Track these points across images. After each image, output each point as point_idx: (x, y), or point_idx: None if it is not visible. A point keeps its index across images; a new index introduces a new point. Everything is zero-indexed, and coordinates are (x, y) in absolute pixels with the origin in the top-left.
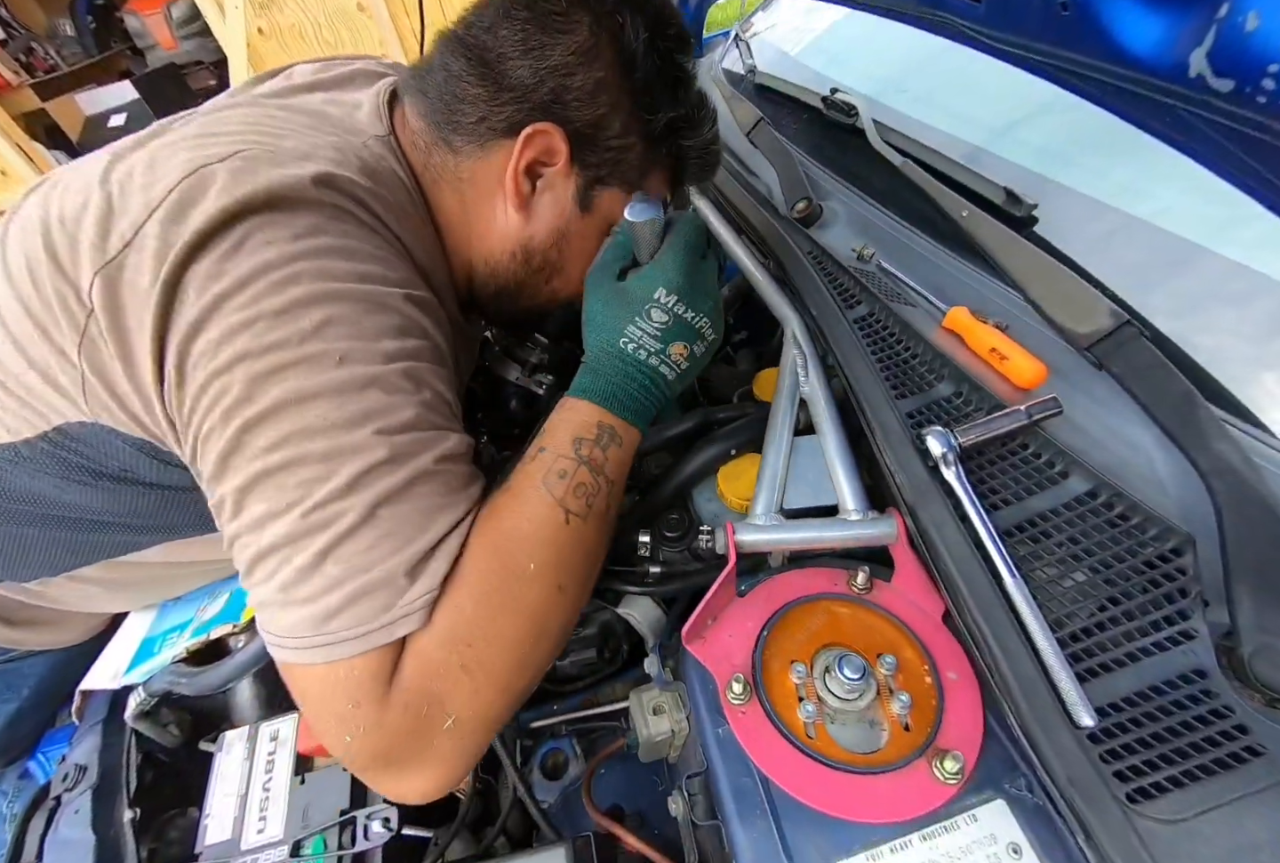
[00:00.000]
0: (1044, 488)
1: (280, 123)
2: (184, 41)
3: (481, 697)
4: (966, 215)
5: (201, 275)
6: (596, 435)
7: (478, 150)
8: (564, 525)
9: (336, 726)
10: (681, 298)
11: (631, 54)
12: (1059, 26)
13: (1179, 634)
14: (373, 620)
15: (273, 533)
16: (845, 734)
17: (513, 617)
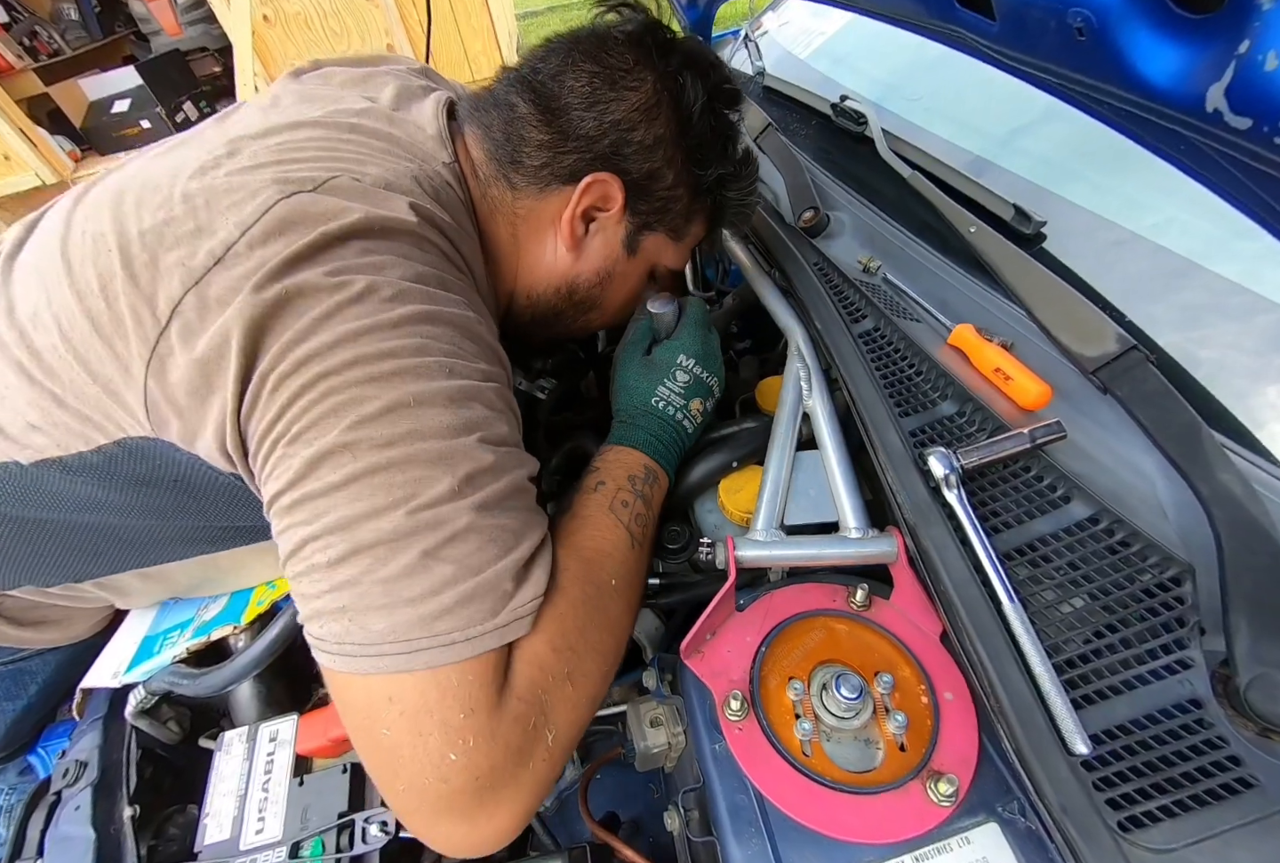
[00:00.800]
0: (1045, 512)
1: (356, 148)
2: (188, 27)
3: (578, 710)
4: (974, 231)
5: (309, 288)
6: (645, 475)
7: (536, 191)
8: (631, 548)
9: (441, 740)
10: (699, 362)
11: (689, 113)
12: (1074, 51)
13: (1176, 663)
14: (485, 622)
15: (374, 529)
16: (841, 753)
17: (603, 628)
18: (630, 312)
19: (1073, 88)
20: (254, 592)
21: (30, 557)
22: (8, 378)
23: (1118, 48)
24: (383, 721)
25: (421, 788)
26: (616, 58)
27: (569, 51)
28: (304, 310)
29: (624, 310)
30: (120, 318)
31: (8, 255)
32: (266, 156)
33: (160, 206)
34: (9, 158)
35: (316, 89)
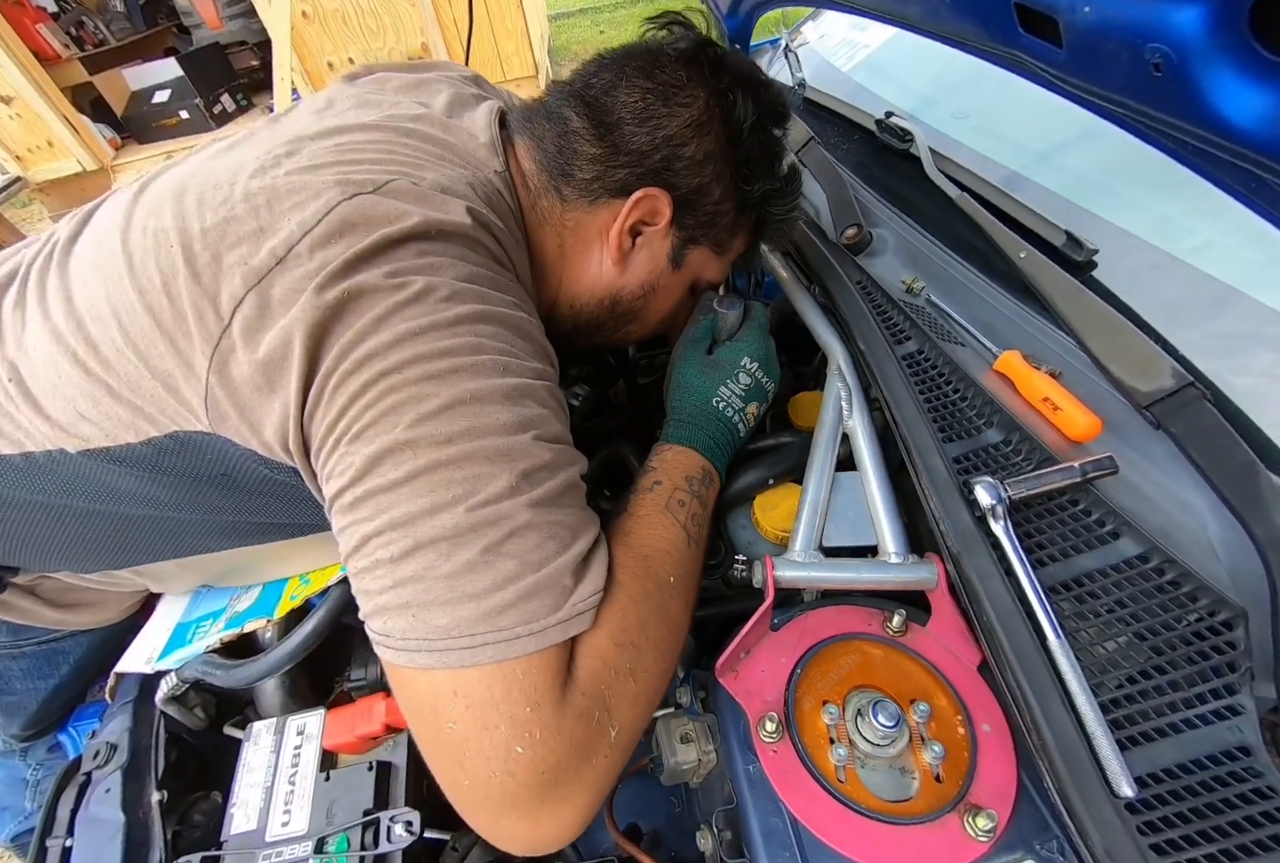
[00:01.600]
0: (1093, 547)
1: (413, 152)
2: (229, 21)
3: (639, 706)
4: (1024, 256)
5: (369, 288)
6: (702, 476)
7: (586, 204)
8: (688, 546)
9: (508, 732)
10: (762, 365)
11: (739, 130)
12: (1148, 86)
13: (1225, 709)
14: (547, 617)
15: (435, 525)
16: (876, 780)
17: (663, 625)
18: (669, 323)
19: (1139, 120)
20: (287, 585)
21: (71, 544)
22: (62, 367)
23: (1197, 86)
24: (448, 714)
25: (486, 781)
26: (669, 74)
27: (622, 67)
28: (364, 311)
29: (664, 322)
30: (183, 314)
31: (63, 248)
32: (326, 157)
33: (222, 204)
34: (52, 144)
35: (372, 94)
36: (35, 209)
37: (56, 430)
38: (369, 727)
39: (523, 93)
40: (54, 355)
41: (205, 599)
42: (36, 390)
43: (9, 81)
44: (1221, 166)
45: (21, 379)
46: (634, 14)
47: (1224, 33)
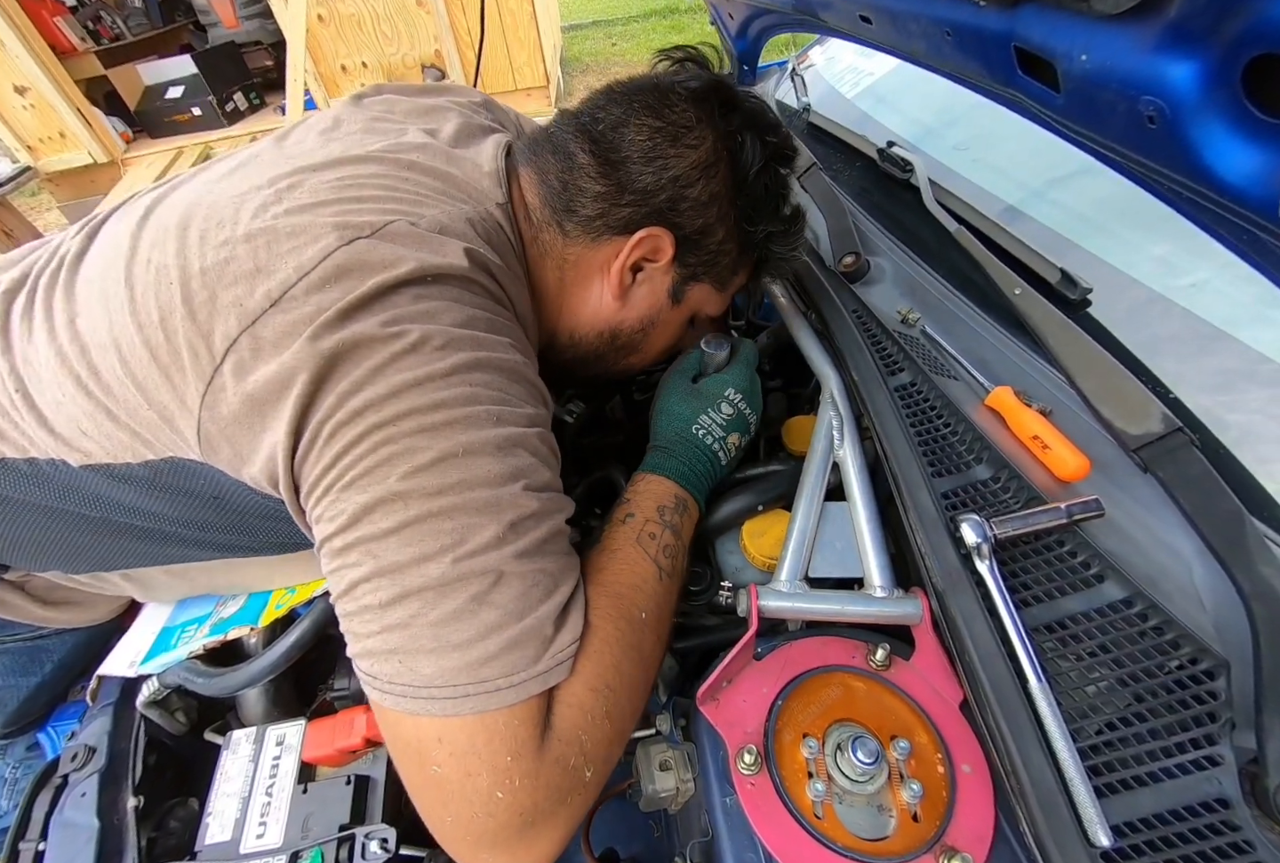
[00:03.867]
0: (1077, 589)
1: (414, 188)
2: (245, 21)
3: (612, 746)
4: (1019, 293)
5: (366, 338)
6: (675, 504)
7: (589, 241)
8: (659, 580)
9: (489, 780)
10: (745, 397)
11: (746, 173)
12: (1142, 136)
13: (1204, 759)
14: (528, 669)
15: (423, 574)
16: (853, 818)
17: (637, 664)
18: (669, 355)
19: (1134, 167)
20: (273, 593)
21: (63, 546)
22: (66, 387)
23: (1189, 141)
24: (433, 758)
25: (468, 821)
26: (679, 114)
27: (630, 103)
28: (361, 361)
29: (663, 354)
30: (178, 351)
31: (70, 265)
32: (327, 193)
33: (224, 244)
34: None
35: (379, 119)
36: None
37: (59, 443)
38: (349, 740)
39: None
40: (59, 375)
41: (191, 604)
42: (41, 404)
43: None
44: (1214, 217)
45: (27, 392)
46: (646, 27)
47: (1217, 90)
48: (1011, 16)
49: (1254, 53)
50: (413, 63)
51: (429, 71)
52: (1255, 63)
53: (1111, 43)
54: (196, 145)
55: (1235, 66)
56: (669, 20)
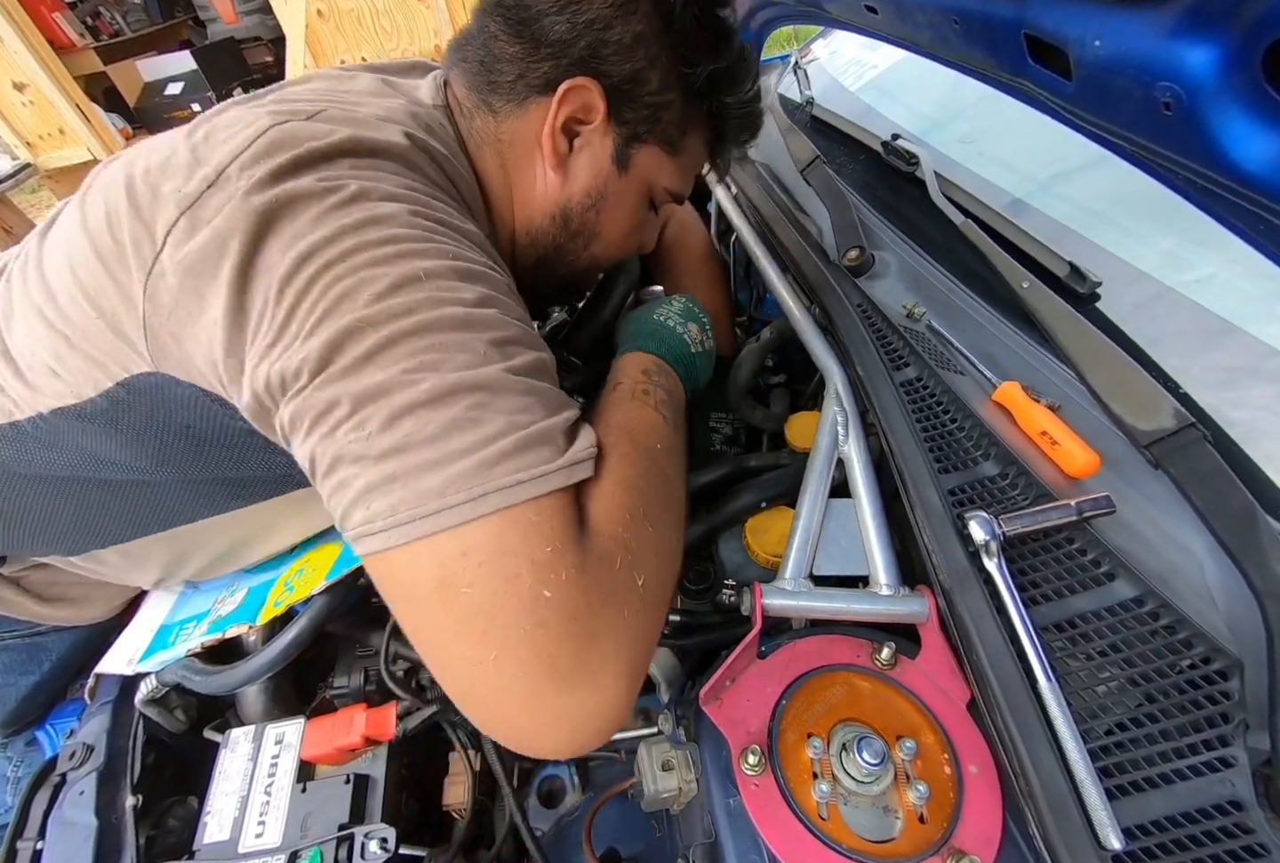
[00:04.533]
0: (1087, 588)
1: (354, 96)
2: (245, 17)
3: (660, 558)
4: (1027, 287)
5: (302, 195)
6: (657, 368)
7: (516, 109)
8: (665, 425)
9: (531, 577)
10: (688, 300)
11: (670, 6)
12: (1157, 124)
13: (1217, 761)
14: (548, 464)
15: (412, 392)
16: (858, 819)
17: (664, 482)
18: (635, 242)
19: (1147, 156)
20: (271, 591)
21: (57, 519)
22: (33, 325)
23: (1207, 127)
24: (460, 581)
25: (517, 645)
26: None
27: None
28: (299, 213)
29: (628, 240)
30: (122, 247)
31: (44, 228)
32: (267, 100)
33: (164, 147)
34: (64, 132)
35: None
36: (44, 195)
37: (34, 393)
38: (348, 739)
39: None
40: (27, 316)
41: (189, 601)
42: (15, 354)
43: (23, 68)
44: (1229, 207)
45: (6, 348)
46: None
47: (1237, 75)
48: (1022, 3)
49: (1275, 35)
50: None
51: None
52: (1276, 46)
53: (1126, 28)
54: None
55: (1255, 50)
56: None
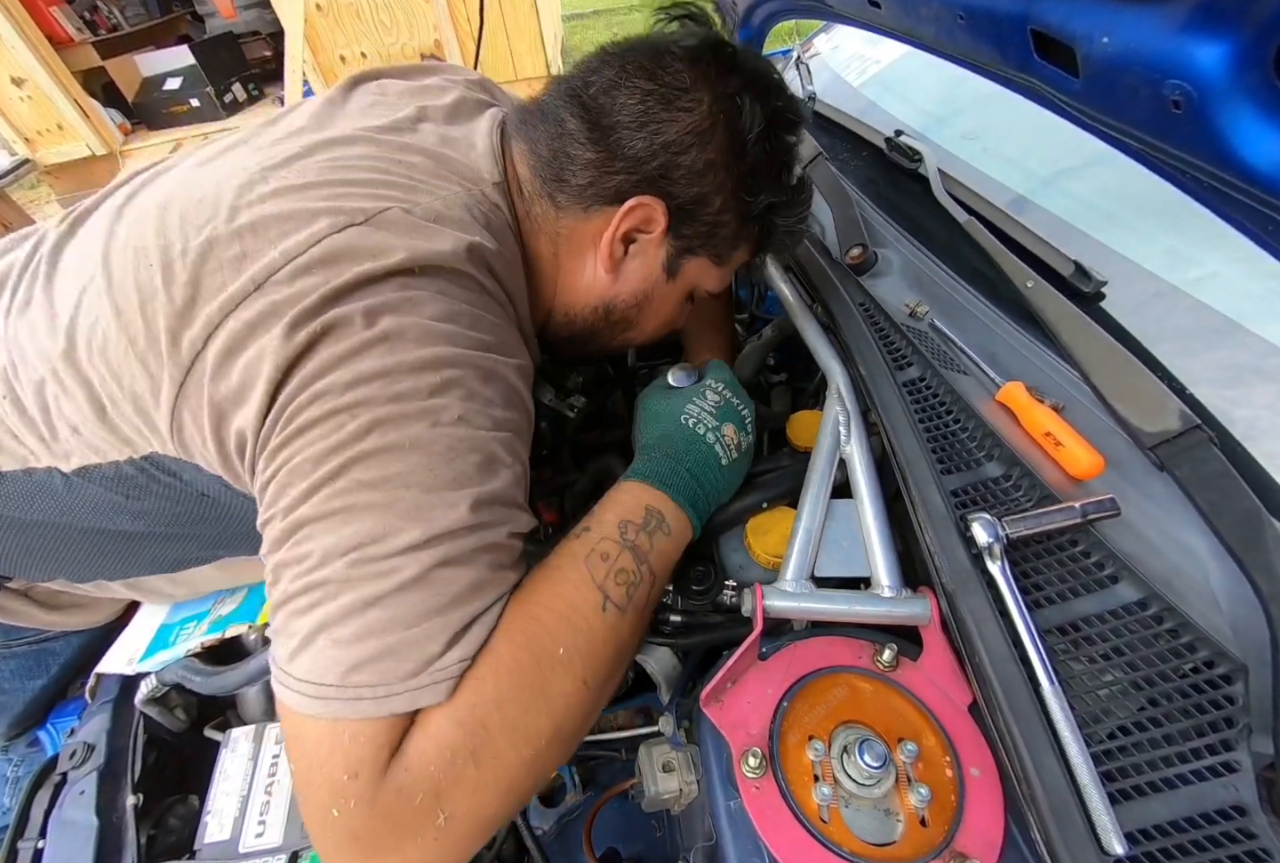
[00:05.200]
0: (1091, 590)
1: (407, 170)
2: (243, 12)
3: (481, 796)
4: (1031, 286)
5: (341, 324)
6: (644, 520)
7: (580, 211)
8: (600, 612)
9: (326, 794)
10: (729, 387)
11: (745, 139)
12: (1165, 122)
13: (1221, 765)
14: (398, 683)
15: (332, 569)
16: (860, 822)
17: (533, 705)
18: (668, 329)
19: (1154, 154)
20: None
21: (66, 558)
22: (50, 386)
23: (1217, 126)
24: (292, 753)
25: (313, 827)
26: (673, 75)
27: (623, 65)
28: (331, 346)
29: (662, 328)
30: (156, 337)
31: (49, 257)
32: (316, 174)
33: (206, 224)
34: (62, 127)
35: (374, 103)
36: (43, 191)
37: (49, 449)
38: None
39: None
40: (41, 373)
41: (189, 602)
42: (28, 407)
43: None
44: (1237, 206)
45: (17, 398)
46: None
47: (1248, 73)
48: None
49: None
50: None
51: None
52: None
53: (1136, 24)
54: (195, 137)
55: (1267, 48)
56: None
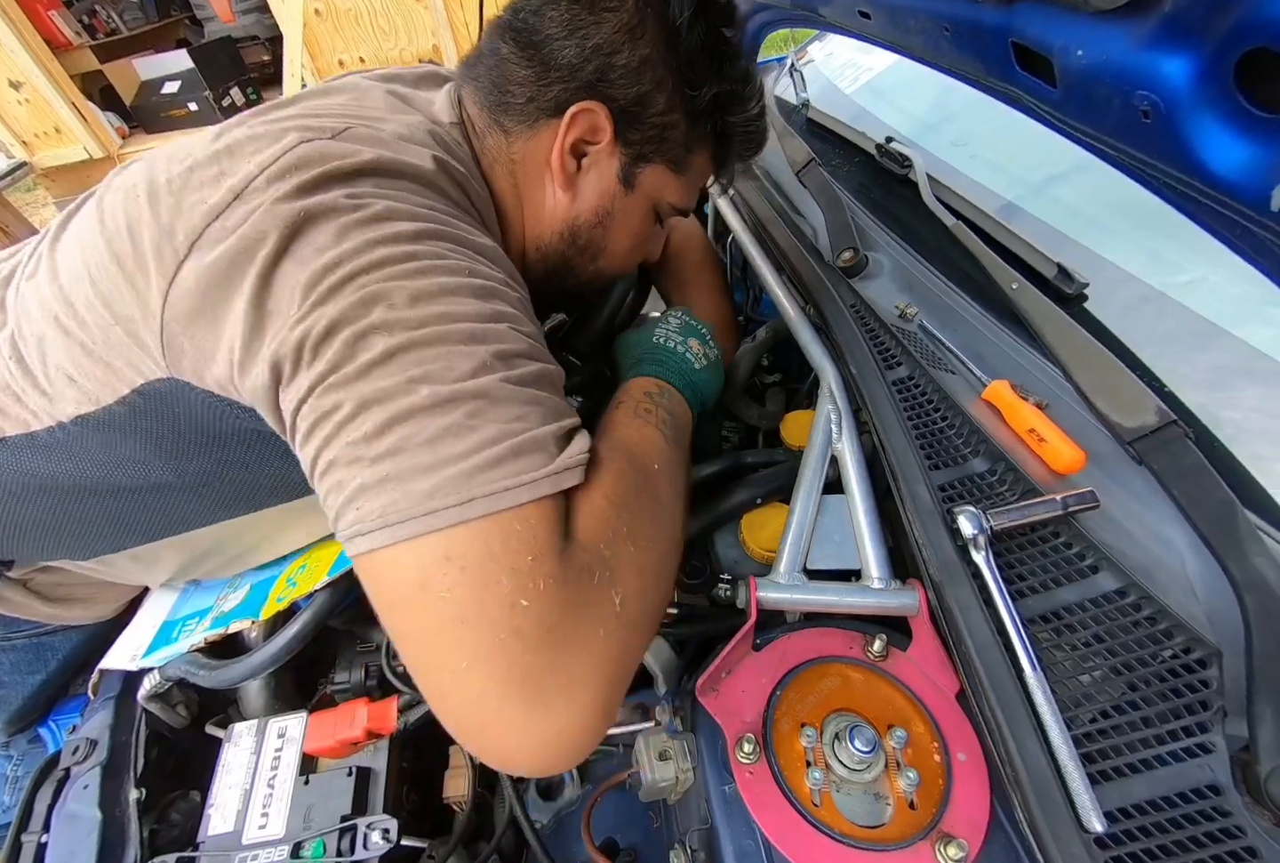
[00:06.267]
0: (1072, 580)
1: (373, 111)
2: (242, 16)
3: (643, 577)
4: (1016, 288)
5: (326, 209)
6: (659, 391)
7: (527, 130)
8: (667, 444)
9: (511, 585)
10: (686, 313)
11: (676, 30)
12: (1137, 130)
13: (1196, 746)
14: (536, 471)
15: (413, 398)
16: (850, 805)
17: (655, 502)
18: (640, 255)
19: (1130, 162)
20: (274, 587)
21: (70, 527)
22: (48, 334)
23: (1183, 135)
24: (441, 583)
25: (490, 652)
26: None
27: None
28: (324, 227)
29: (633, 253)
30: (143, 255)
31: (55, 232)
32: (288, 121)
33: (187, 157)
34: (60, 130)
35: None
36: (40, 194)
37: (52, 402)
38: (351, 732)
39: None
40: (42, 324)
41: (192, 597)
42: (30, 363)
43: (19, 67)
44: (1208, 212)
45: (20, 357)
46: None
47: (1210, 85)
48: (1009, 12)
49: (1246, 47)
50: (410, 58)
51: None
52: (1247, 57)
53: (1107, 38)
54: None
55: (1228, 61)
56: None
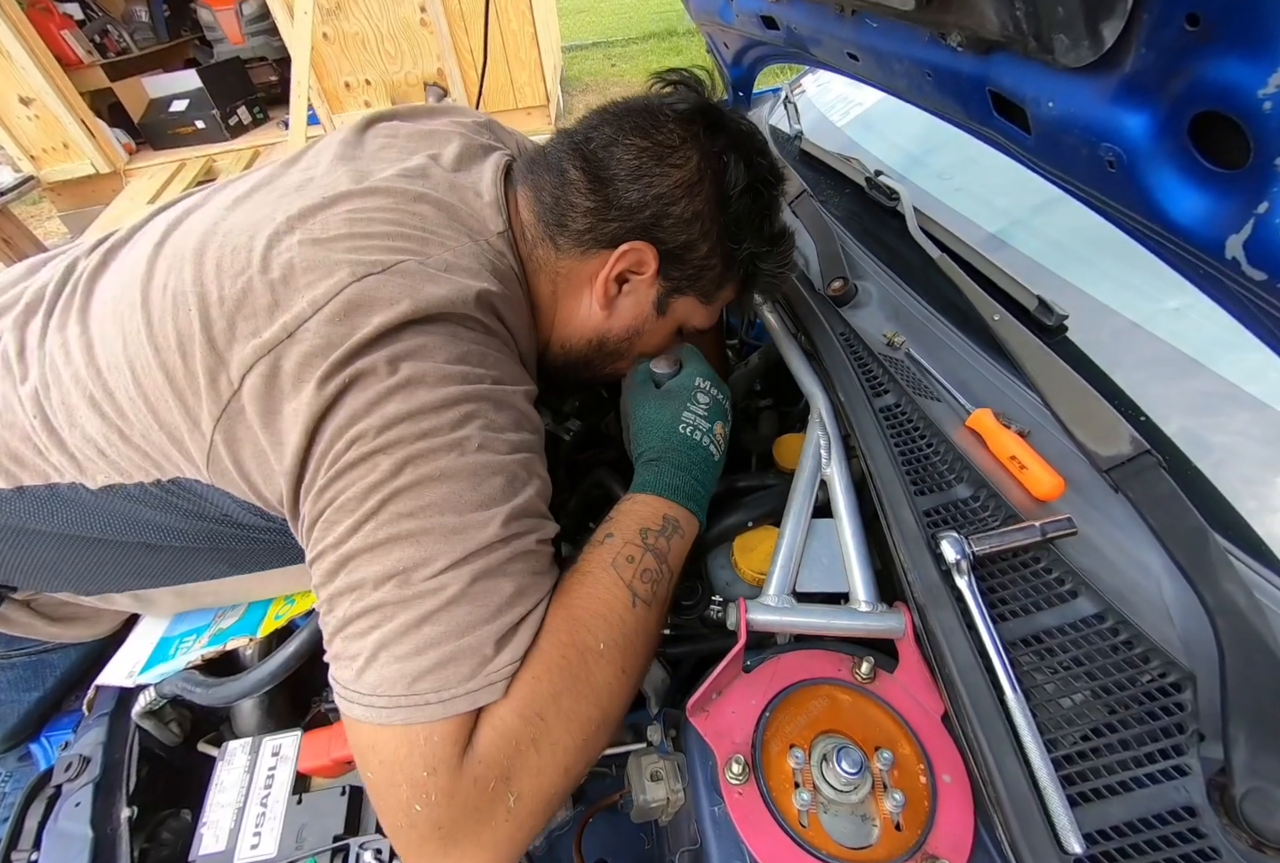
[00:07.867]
0: (1052, 605)
1: (420, 222)
2: (251, 38)
3: (545, 777)
4: (998, 319)
5: (367, 374)
6: (661, 526)
7: (579, 254)
8: (630, 608)
9: (408, 792)
10: (714, 384)
11: (729, 193)
12: (1104, 178)
13: (1173, 769)
14: (458, 686)
15: (383, 593)
16: (837, 826)
17: (582, 695)
18: None
19: (1102, 205)
20: (272, 605)
21: (77, 570)
22: (82, 409)
23: (1144, 185)
24: (368, 764)
25: (395, 828)
26: (665, 134)
27: (621, 123)
28: (359, 395)
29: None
30: (194, 375)
31: (84, 288)
32: (338, 228)
33: (240, 274)
34: (68, 146)
35: (385, 147)
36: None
37: (79, 468)
38: (345, 751)
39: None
40: (75, 397)
41: (190, 615)
42: (57, 425)
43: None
44: (1172, 254)
45: (46, 417)
46: (645, 49)
47: (1168, 140)
48: (985, 62)
49: (1197, 109)
50: (415, 81)
51: (431, 90)
52: (1201, 117)
53: (1075, 92)
54: (199, 158)
55: (1182, 120)
56: (668, 42)
